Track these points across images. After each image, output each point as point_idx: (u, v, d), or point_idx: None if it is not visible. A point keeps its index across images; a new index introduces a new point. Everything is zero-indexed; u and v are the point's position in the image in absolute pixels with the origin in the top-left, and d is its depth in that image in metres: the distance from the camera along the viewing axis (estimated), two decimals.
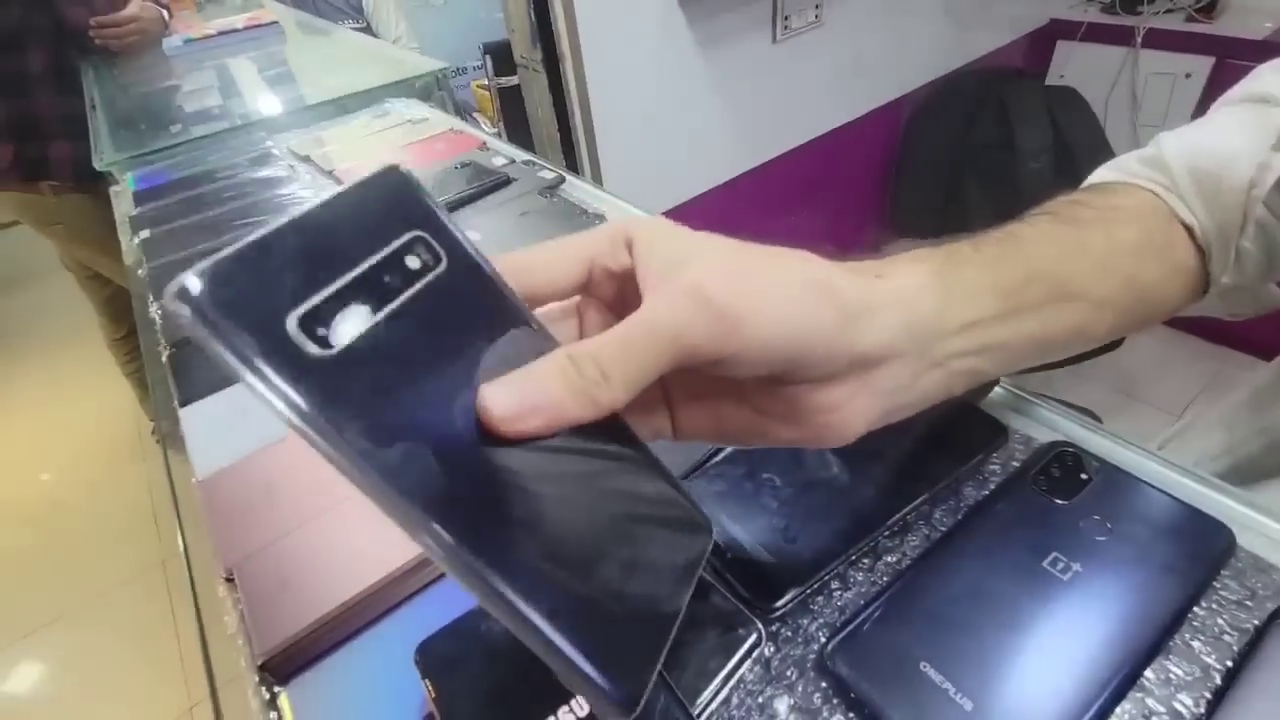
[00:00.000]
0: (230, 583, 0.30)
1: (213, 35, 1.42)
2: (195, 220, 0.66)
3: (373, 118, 0.89)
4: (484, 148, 0.74)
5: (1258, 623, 0.24)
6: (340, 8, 1.80)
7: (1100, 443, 0.32)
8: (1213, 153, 0.31)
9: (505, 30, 1.14)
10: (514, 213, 0.60)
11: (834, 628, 0.26)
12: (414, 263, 0.17)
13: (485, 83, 1.59)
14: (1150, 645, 0.24)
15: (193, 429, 0.39)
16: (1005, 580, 0.26)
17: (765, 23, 1.22)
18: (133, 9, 1.32)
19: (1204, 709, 0.22)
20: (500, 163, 0.69)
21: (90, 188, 1.28)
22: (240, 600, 0.29)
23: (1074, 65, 1.81)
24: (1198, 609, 0.25)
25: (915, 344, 0.21)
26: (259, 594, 0.29)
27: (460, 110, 1.20)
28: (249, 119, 0.96)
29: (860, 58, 1.42)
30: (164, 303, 0.13)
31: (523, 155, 0.71)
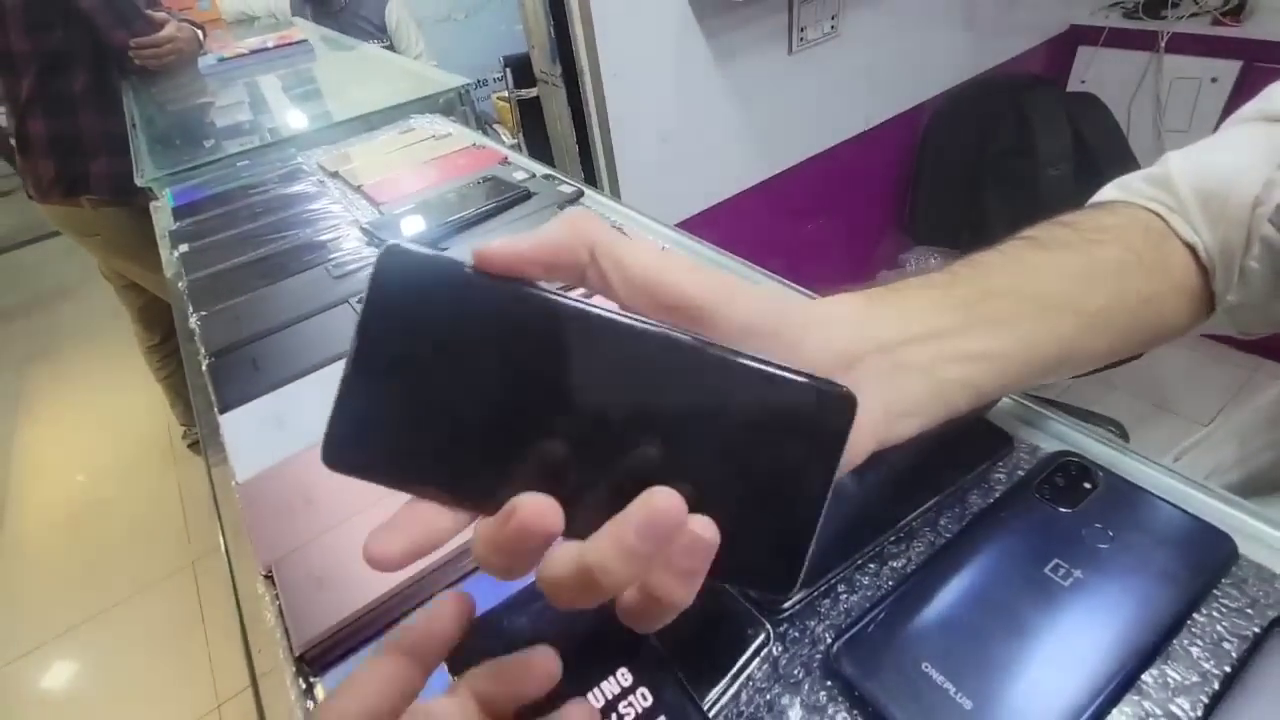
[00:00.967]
0: (269, 580, 0.32)
1: (245, 54, 1.48)
2: (231, 235, 0.69)
3: (398, 133, 0.92)
4: (505, 162, 0.76)
5: (1257, 630, 0.25)
6: (366, 28, 1.92)
7: (1105, 453, 0.33)
8: (1219, 171, 0.31)
9: (525, 44, 1.17)
10: (534, 226, 0.62)
11: (840, 629, 0.27)
12: None
13: (505, 94, 1.63)
14: (1148, 650, 0.24)
15: (232, 434, 0.41)
16: (1007, 585, 0.27)
17: (781, 35, 1.23)
18: (169, 30, 1.37)
19: (1201, 712, 0.23)
20: (521, 177, 0.71)
21: (127, 201, 1.34)
22: (278, 596, 0.31)
23: (1095, 71, 1.80)
24: (1198, 615, 0.26)
25: (874, 344, 0.23)
26: (296, 590, 0.31)
27: (481, 122, 1.23)
28: (279, 135, 0.99)
29: (877, 68, 1.42)
30: None
31: (543, 169, 0.73)
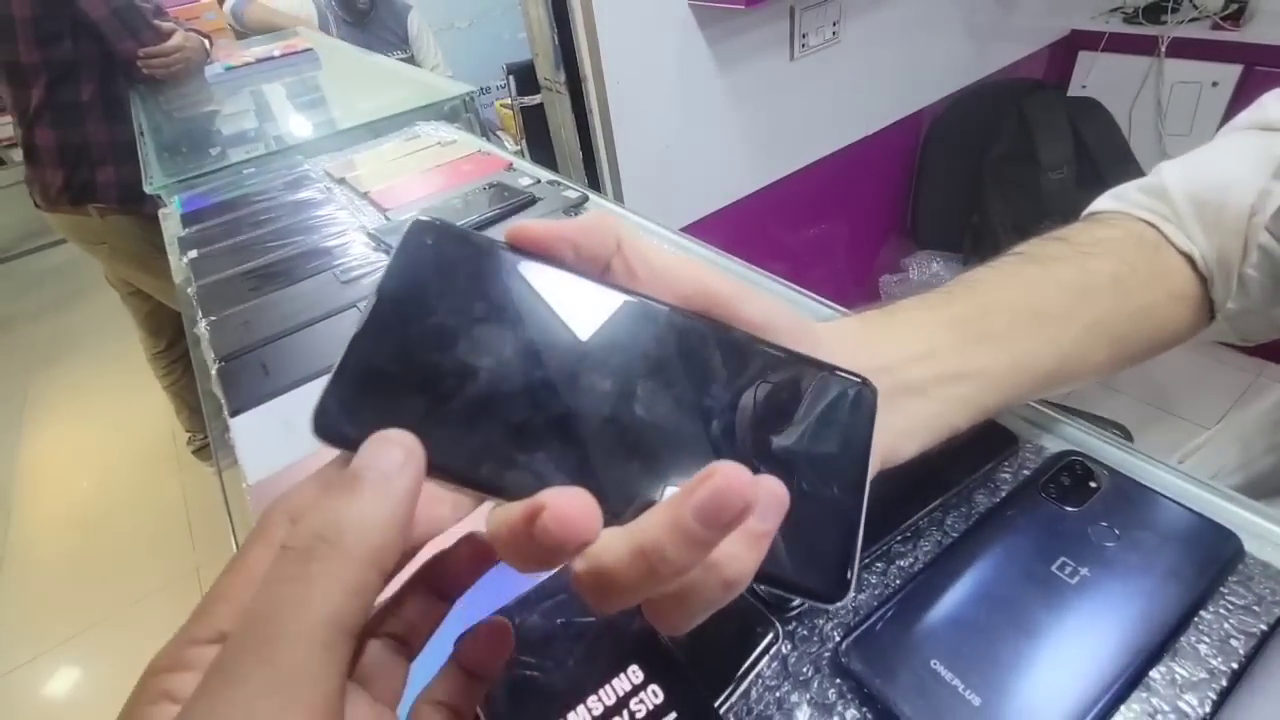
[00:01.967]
0: None
1: (251, 63, 1.49)
2: (239, 241, 0.70)
3: (403, 140, 0.93)
4: (510, 168, 0.77)
5: (1264, 627, 0.25)
6: (390, 39, 1.96)
7: (1110, 453, 0.33)
8: (1214, 180, 0.32)
9: (528, 52, 1.18)
10: None
11: (848, 627, 0.27)
12: None
13: (508, 101, 1.64)
14: (1155, 647, 0.24)
15: (243, 438, 0.42)
16: (1013, 583, 0.27)
17: (783, 41, 1.24)
18: (177, 40, 1.38)
19: (1209, 709, 0.23)
20: (526, 183, 0.71)
21: (133, 209, 1.35)
22: None
23: (1096, 76, 1.81)
24: (1205, 613, 0.26)
25: (873, 365, 0.22)
26: None
27: (485, 129, 1.24)
28: (285, 142, 1.00)
29: (878, 73, 1.43)
30: None
31: (547, 175, 0.74)
